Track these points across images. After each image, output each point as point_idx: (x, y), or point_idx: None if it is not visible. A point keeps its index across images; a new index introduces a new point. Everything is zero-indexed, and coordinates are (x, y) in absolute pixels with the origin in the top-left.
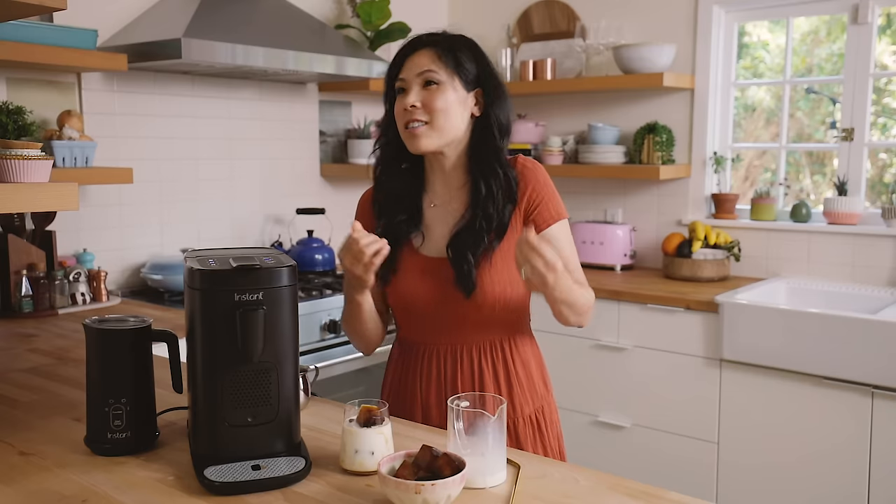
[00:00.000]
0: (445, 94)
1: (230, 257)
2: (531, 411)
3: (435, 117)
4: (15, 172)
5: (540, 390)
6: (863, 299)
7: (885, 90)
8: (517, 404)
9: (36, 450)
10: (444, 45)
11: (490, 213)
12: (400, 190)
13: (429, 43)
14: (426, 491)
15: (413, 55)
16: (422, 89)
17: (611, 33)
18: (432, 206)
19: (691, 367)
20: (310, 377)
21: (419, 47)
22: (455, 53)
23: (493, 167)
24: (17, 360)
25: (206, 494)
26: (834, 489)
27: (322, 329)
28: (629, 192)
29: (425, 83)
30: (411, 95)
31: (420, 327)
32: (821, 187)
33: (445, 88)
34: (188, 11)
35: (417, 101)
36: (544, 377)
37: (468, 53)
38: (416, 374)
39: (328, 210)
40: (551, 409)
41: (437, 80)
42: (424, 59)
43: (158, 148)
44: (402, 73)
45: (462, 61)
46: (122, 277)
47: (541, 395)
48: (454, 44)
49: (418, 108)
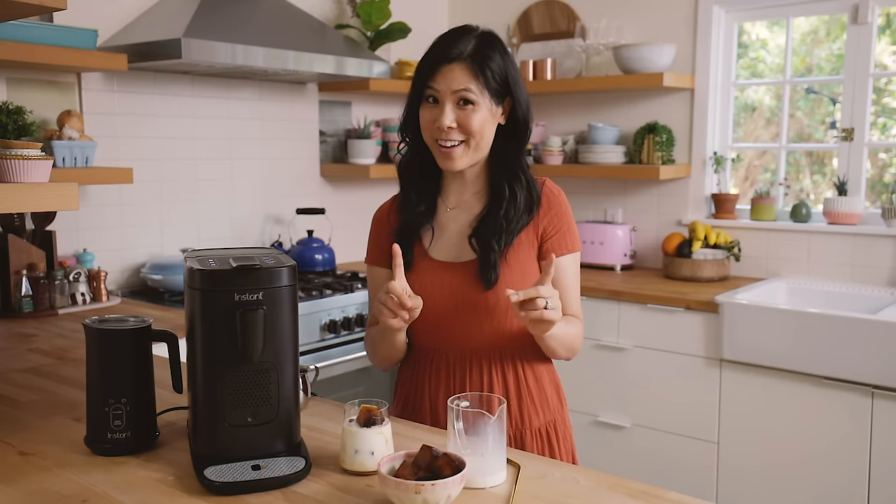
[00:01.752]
0: (482, 113)
1: (230, 257)
2: (541, 424)
3: (471, 138)
4: (15, 172)
5: (553, 404)
6: (863, 299)
7: (885, 90)
8: (525, 415)
9: (36, 450)
10: (479, 59)
11: (511, 213)
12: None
13: (465, 56)
14: (426, 491)
15: (447, 66)
16: (456, 107)
17: (611, 33)
18: (448, 210)
19: (691, 367)
20: (309, 377)
21: (454, 59)
22: (490, 67)
23: (517, 173)
24: (17, 360)
25: (206, 494)
26: (834, 489)
27: (322, 329)
28: (629, 192)
29: (460, 100)
30: (447, 115)
31: (429, 332)
32: (821, 187)
33: (481, 108)
34: (188, 11)
35: (453, 121)
36: (559, 392)
37: (499, 62)
38: (426, 381)
39: (328, 210)
40: (565, 424)
41: (474, 101)
42: (460, 75)
43: (158, 148)
44: (436, 82)
45: (495, 75)
46: (122, 277)
47: (553, 409)
48: (488, 56)
49: (453, 128)
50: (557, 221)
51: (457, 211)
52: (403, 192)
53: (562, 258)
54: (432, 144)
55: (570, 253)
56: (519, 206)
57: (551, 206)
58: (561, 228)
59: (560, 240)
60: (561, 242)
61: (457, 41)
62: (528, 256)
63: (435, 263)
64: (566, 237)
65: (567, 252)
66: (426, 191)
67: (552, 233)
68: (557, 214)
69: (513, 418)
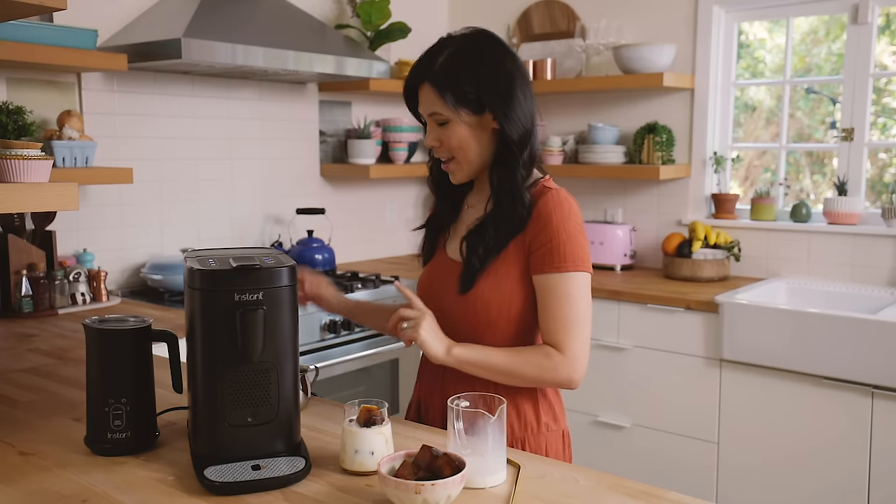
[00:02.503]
0: (456, 129)
1: (230, 257)
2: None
3: (455, 154)
4: (15, 172)
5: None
6: (863, 299)
7: (885, 90)
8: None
9: (36, 450)
10: (440, 80)
11: (498, 227)
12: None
13: (427, 76)
14: (426, 491)
15: (420, 90)
16: (437, 126)
17: (611, 33)
18: (467, 208)
19: (691, 367)
20: (309, 377)
21: (421, 80)
22: (453, 85)
23: (506, 186)
24: (17, 360)
25: (206, 494)
26: (834, 489)
27: (322, 329)
28: (629, 192)
29: (436, 121)
30: (429, 135)
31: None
32: (821, 187)
33: (455, 124)
34: (188, 11)
35: (435, 141)
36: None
37: (468, 74)
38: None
39: (328, 210)
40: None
41: (445, 120)
42: (427, 98)
43: (158, 148)
44: (418, 106)
45: (463, 91)
46: (122, 277)
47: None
48: (452, 72)
49: (438, 146)
50: (545, 236)
51: (473, 210)
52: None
53: (545, 276)
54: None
55: (557, 272)
56: (505, 221)
57: (540, 219)
58: (548, 244)
59: (545, 256)
60: (545, 259)
61: (427, 61)
62: (510, 268)
63: (445, 258)
64: (553, 254)
65: (550, 270)
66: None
67: (536, 247)
68: (546, 229)
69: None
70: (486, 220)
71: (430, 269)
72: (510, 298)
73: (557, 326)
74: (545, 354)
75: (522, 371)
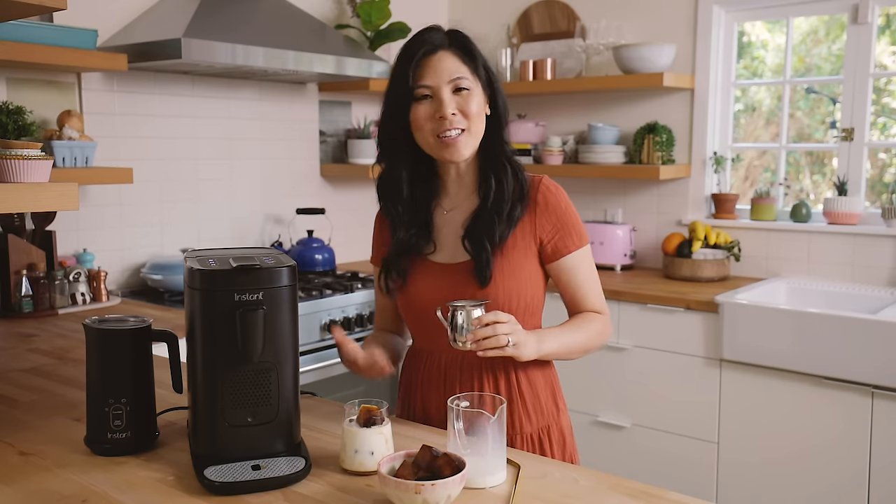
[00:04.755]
0: (476, 97)
1: (230, 257)
2: (533, 430)
3: (472, 123)
4: (15, 172)
5: (548, 409)
6: (863, 299)
7: (885, 90)
8: (517, 421)
9: (36, 450)
10: (462, 47)
11: (501, 205)
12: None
13: (447, 44)
14: (426, 491)
15: (433, 58)
16: (454, 95)
17: (611, 33)
18: (445, 213)
19: (691, 367)
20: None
21: (437, 49)
22: (472, 53)
23: (501, 161)
24: (17, 360)
25: (206, 494)
26: (834, 489)
27: (322, 329)
28: (629, 192)
29: (456, 89)
30: (448, 103)
31: (425, 335)
32: (820, 187)
33: (475, 92)
34: (188, 11)
35: (454, 108)
36: (555, 396)
37: (478, 51)
38: (419, 384)
39: (328, 210)
40: (561, 429)
41: (468, 86)
42: (450, 64)
43: (158, 148)
44: (426, 78)
45: (478, 60)
46: (122, 277)
47: (548, 414)
48: (469, 44)
49: (454, 116)
50: (556, 220)
51: (453, 212)
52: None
53: (573, 255)
54: (433, 141)
55: (578, 248)
56: (507, 196)
57: (548, 206)
58: (563, 227)
59: (565, 238)
60: (566, 241)
61: (429, 36)
62: (523, 258)
63: (433, 266)
64: (571, 234)
65: (575, 248)
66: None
67: (553, 233)
68: (556, 213)
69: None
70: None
71: (425, 282)
72: (527, 286)
73: (593, 295)
74: (599, 321)
75: (591, 344)
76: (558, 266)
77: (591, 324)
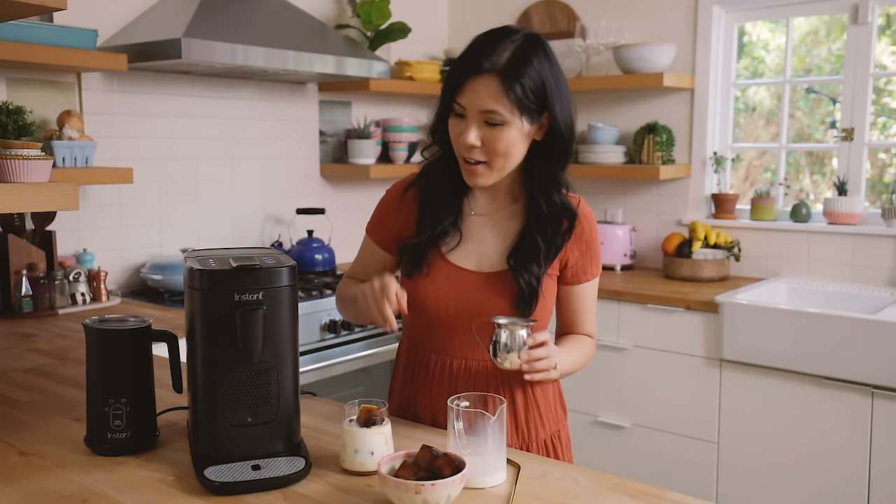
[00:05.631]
0: (509, 134)
1: (230, 257)
2: (546, 436)
3: (495, 159)
4: (15, 172)
5: (557, 415)
6: (863, 299)
7: (885, 90)
8: (532, 428)
9: (36, 450)
10: (511, 74)
11: (555, 240)
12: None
13: (496, 69)
14: (426, 491)
15: (475, 81)
16: (482, 125)
17: (611, 33)
18: (472, 214)
19: (691, 367)
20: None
21: (483, 72)
22: (522, 84)
23: (553, 196)
24: (17, 360)
25: (206, 494)
26: (834, 489)
27: (322, 329)
28: (629, 192)
29: (486, 120)
30: (471, 133)
31: (437, 337)
32: (820, 187)
33: (509, 128)
34: (188, 11)
35: (477, 140)
36: (562, 401)
37: (535, 75)
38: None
39: (328, 210)
40: (567, 433)
41: (501, 122)
42: (487, 94)
43: (158, 148)
44: (462, 97)
45: (529, 92)
46: (122, 277)
47: (558, 419)
48: (522, 70)
49: (478, 147)
50: (585, 249)
51: (483, 218)
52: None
53: (588, 283)
54: (459, 157)
55: (594, 278)
56: (559, 233)
57: (583, 234)
58: (589, 256)
59: (586, 266)
60: (587, 269)
61: (491, 48)
62: (548, 279)
63: (453, 268)
64: (593, 263)
65: (592, 277)
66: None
67: (578, 259)
68: (587, 242)
69: (519, 432)
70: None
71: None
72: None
73: (591, 319)
74: (592, 346)
75: (582, 366)
76: (571, 289)
77: (587, 348)
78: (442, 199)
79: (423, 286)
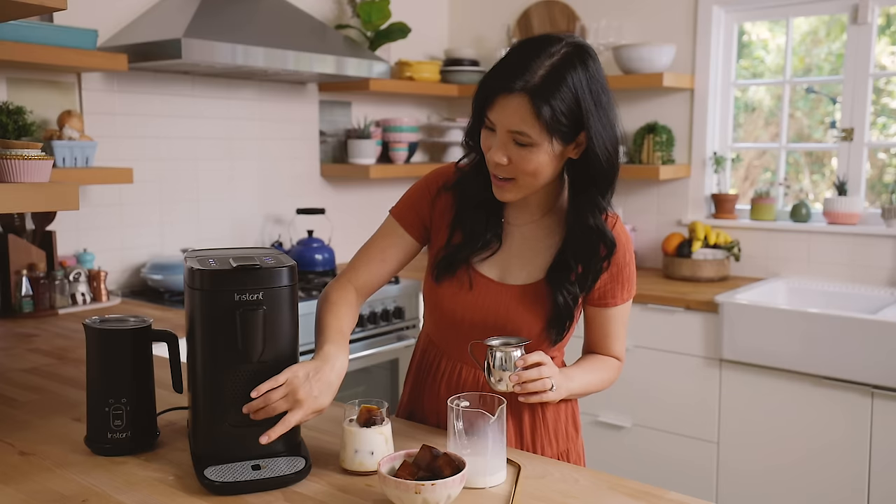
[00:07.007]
0: (537, 156)
1: (230, 257)
2: (554, 454)
3: (523, 178)
4: (15, 172)
5: (569, 433)
6: (863, 299)
7: (885, 90)
8: (538, 446)
9: (36, 450)
10: (543, 95)
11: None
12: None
13: (528, 88)
14: (426, 491)
15: (505, 98)
16: (511, 144)
17: (611, 33)
18: (509, 224)
19: (691, 367)
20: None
21: (513, 90)
22: (553, 106)
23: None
24: (17, 360)
25: (206, 494)
26: (834, 489)
27: None
28: (629, 192)
29: (514, 140)
30: (498, 150)
31: (448, 339)
32: (820, 187)
33: (538, 150)
34: (188, 11)
35: (504, 158)
36: (575, 419)
37: (567, 94)
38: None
39: (328, 210)
40: (578, 452)
41: (528, 143)
42: (516, 114)
43: (158, 148)
44: (492, 112)
45: (560, 115)
46: (122, 277)
47: (569, 437)
48: (556, 90)
49: (505, 165)
50: (617, 272)
51: (513, 228)
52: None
53: (617, 308)
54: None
55: (625, 302)
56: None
57: (615, 258)
58: (620, 279)
59: (616, 289)
60: (617, 292)
61: (525, 65)
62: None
63: (476, 275)
64: (624, 287)
65: (622, 302)
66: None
67: (608, 281)
68: (619, 265)
69: (526, 448)
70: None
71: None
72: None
73: (620, 343)
74: (616, 369)
75: (603, 388)
76: (597, 311)
77: (610, 370)
78: (480, 212)
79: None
